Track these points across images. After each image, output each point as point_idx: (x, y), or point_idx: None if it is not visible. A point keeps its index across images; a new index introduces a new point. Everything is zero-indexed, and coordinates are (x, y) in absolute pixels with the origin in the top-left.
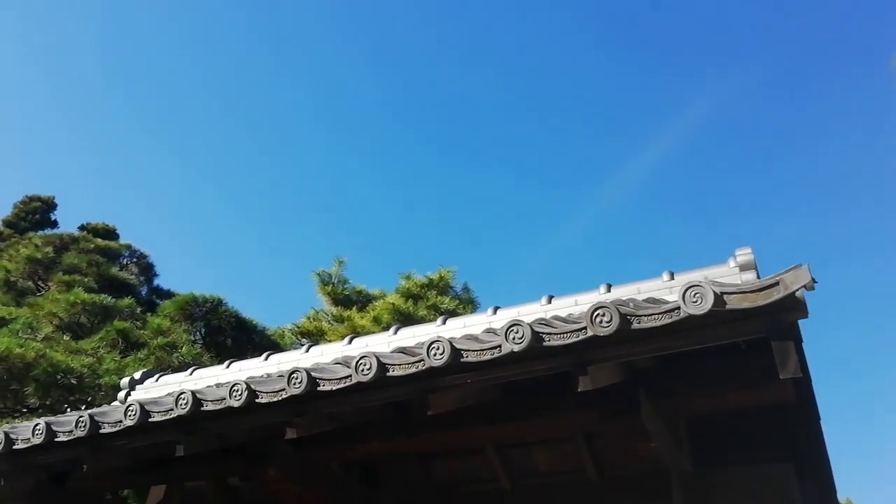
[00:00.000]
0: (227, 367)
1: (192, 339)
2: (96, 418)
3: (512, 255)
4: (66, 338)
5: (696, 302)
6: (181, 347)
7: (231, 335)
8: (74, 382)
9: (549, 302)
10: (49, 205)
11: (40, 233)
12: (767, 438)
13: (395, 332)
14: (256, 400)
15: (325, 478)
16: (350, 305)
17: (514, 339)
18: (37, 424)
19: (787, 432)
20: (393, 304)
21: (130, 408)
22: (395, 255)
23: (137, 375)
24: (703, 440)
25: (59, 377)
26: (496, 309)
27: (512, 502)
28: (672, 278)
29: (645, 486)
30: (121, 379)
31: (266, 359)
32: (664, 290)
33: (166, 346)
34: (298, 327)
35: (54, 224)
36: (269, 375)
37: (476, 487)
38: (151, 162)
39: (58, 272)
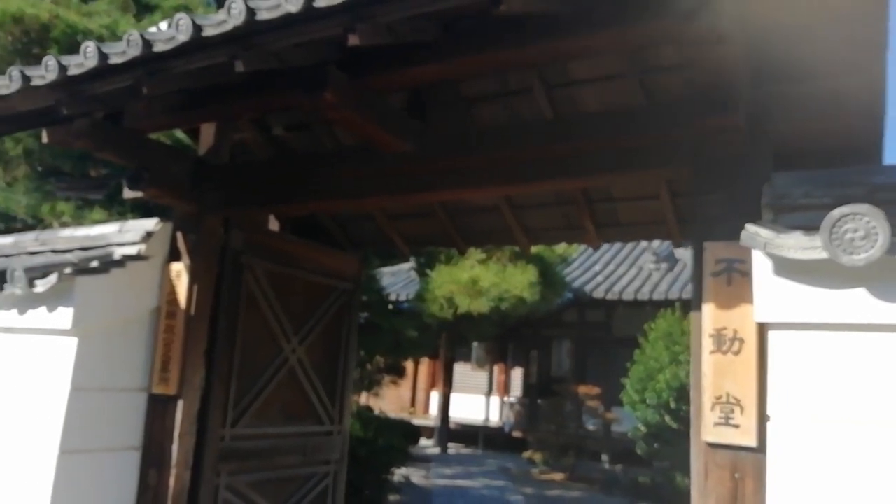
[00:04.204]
0: None
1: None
2: (147, 37)
3: None
4: (74, 0)
5: None
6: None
7: None
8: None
9: None
10: None
11: None
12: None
13: None
14: (314, 4)
15: (379, 106)
16: None
17: None
18: (87, 46)
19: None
20: None
21: (181, 22)
22: None
23: None
24: (769, 56)
25: (78, 38)
26: None
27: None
28: None
29: (702, 103)
30: None
31: None
32: None
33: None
34: None
35: None
36: None
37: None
38: None
39: None
